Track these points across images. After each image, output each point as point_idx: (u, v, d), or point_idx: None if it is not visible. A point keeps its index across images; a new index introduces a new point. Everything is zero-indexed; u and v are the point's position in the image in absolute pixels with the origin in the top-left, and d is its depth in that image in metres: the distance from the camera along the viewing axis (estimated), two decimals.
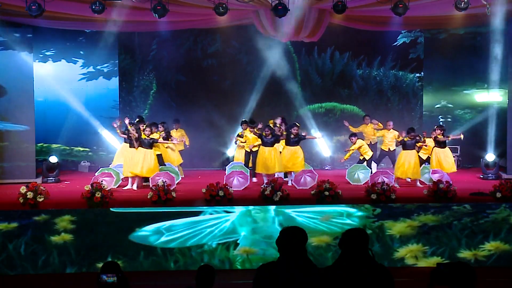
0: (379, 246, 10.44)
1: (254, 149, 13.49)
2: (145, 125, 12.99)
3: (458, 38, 16.12)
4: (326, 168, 15.88)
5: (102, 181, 11.28)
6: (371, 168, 13.58)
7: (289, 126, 13.31)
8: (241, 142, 13.97)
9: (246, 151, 13.92)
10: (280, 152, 13.22)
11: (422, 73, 16.55)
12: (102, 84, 16.33)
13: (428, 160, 13.51)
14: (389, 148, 14.03)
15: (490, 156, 14.14)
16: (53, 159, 13.99)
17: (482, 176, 14.04)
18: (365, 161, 13.74)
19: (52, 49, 16.01)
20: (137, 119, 13.80)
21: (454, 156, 15.60)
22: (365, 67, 16.58)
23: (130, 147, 12.78)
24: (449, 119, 16.50)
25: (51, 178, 13.81)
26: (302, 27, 13.74)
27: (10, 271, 10.19)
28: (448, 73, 16.40)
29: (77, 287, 9.59)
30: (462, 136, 13.66)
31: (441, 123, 16.11)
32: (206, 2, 12.14)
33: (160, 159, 13.38)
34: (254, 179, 13.40)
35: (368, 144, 14.14)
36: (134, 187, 12.64)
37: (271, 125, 13.81)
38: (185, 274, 9.76)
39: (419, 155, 13.17)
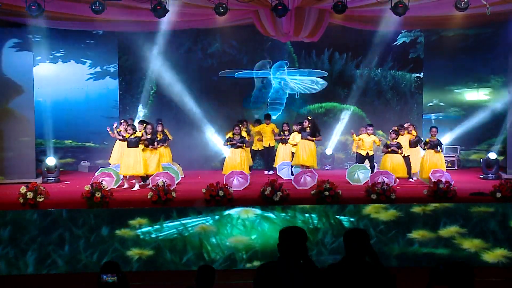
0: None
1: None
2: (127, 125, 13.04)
3: (459, 37, 16.14)
4: (326, 168, 15.88)
5: (102, 181, 11.28)
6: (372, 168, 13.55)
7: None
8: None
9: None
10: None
11: (422, 73, 16.57)
12: (102, 84, 16.35)
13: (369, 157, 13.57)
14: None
15: (492, 155, 14.13)
16: (51, 161, 13.95)
17: (482, 176, 14.03)
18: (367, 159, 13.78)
19: (55, 51, 16.16)
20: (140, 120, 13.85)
21: (454, 156, 15.64)
22: (365, 67, 16.60)
23: (128, 146, 12.77)
24: (441, 117, 16.53)
25: (51, 178, 13.81)
26: (302, 27, 13.75)
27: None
28: (448, 73, 16.42)
29: (77, 287, 9.60)
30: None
31: (433, 121, 16.18)
32: (206, 2, 12.14)
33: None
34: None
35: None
36: (137, 187, 12.68)
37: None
38: (185, 274, 9.77)
39: (359, 152, 13.66)
